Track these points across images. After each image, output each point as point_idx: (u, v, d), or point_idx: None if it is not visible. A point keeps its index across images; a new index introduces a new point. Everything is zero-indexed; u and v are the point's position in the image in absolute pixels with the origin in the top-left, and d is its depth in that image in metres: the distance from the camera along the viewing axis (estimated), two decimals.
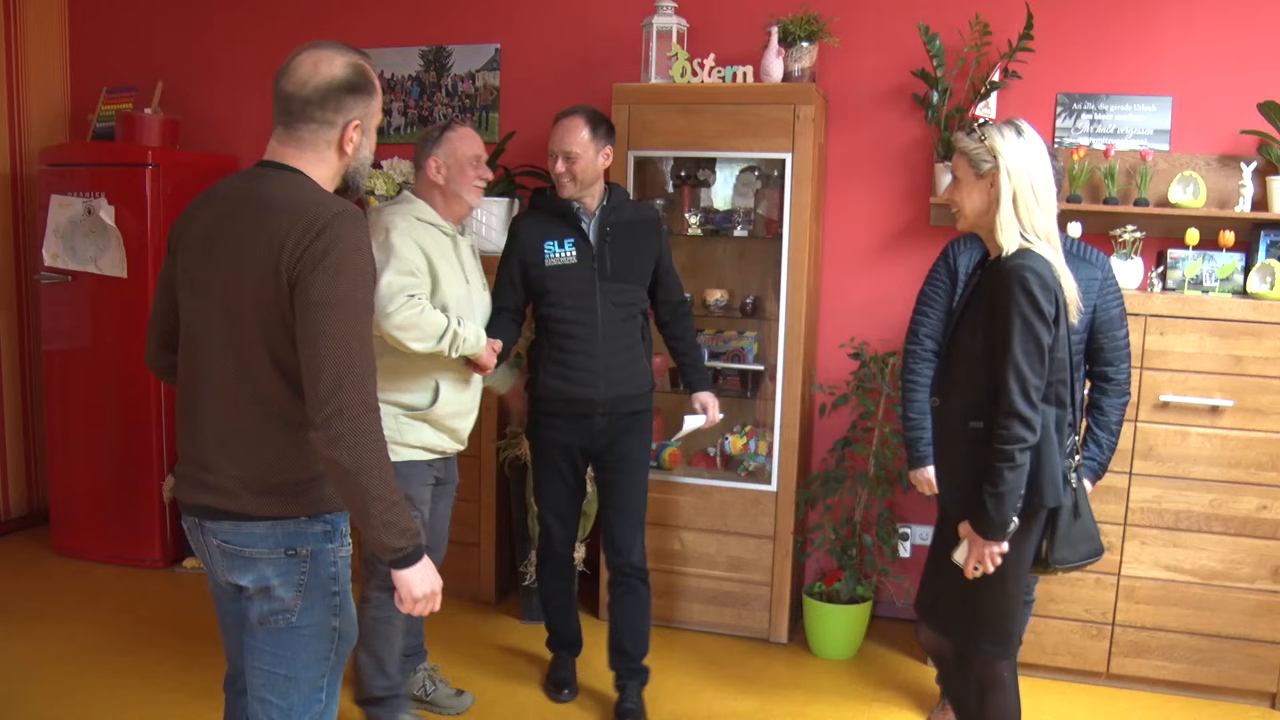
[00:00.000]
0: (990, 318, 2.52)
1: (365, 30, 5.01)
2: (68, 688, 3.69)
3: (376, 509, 1.98)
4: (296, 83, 2.07)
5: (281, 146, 2.12)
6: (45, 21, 5.44)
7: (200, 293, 2.10)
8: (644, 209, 3.66)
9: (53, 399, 5.00)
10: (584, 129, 3.40)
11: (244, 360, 2.05)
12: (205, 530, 2.13)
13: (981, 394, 2.56)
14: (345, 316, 1.96)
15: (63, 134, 5.56)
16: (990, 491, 2.49)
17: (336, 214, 2.00)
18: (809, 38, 4.13)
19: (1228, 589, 3.74)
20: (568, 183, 3.41)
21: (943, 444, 2.75)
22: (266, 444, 2.06)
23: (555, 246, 3.44)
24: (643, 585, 3.59)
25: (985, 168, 2.56)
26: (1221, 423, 3.69)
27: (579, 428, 3.50)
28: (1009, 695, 2.75)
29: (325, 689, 2.18)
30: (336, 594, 2.16)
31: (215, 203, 2.14)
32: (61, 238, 4.79)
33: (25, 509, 5.46)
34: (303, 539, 2.10)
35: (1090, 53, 4.15)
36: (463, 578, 4.60)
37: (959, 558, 2.61)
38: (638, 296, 3.52)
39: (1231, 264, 3.86)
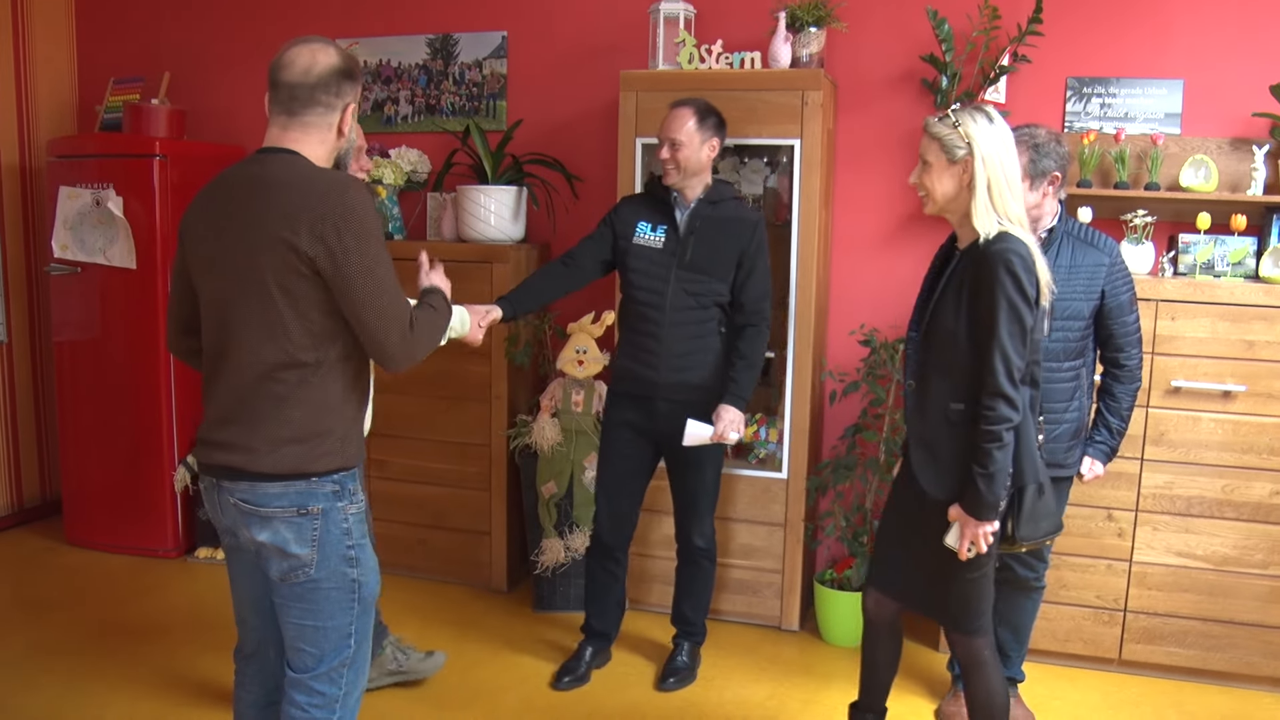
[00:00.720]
0: (974, 301, 2.56)
1: (372, 18, 5.00)
2: (81, 677, 3.71)
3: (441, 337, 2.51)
4: (299, 71, 2.24)
5: (284, 133, 2.28)
6: (52, 13, 5.44)
7: (218, 272, 2.26)
8: (746, 210, 3.66)
9: (64, 390, 5.02)
10: (691, 119, 3.49)
11: (264, 329, 2.21)
12: (223, 489, 2.30)
13: (962, 377, 2.59)
14: (382, 275, 2.20)
15: (71, 125, 5.56)
16: (981, 473, 2.53)
17: (346, 185, 2.20)
18: (817, 23, 4.11)
19: (1240, 575, 3.73)
20: (671, 170, 3.52)
21: (922, 428, 2.73)
22: (285, 403, 2.24)
23: (648, 229, 3.59)
24: (706, 562, 3.79)
25: (959, 154, 2.59)
26: (1234, 408, 3.67)
27: (642, 409, 3.62)
28: (993, 672, 2.79)
29: (354, 635, 2.37)
30: (351, 547, 2.33)
31: (220, 191, 2.30)
32: (70, 229, 4.80)
33: (38, 500, 5.49)
34: (313, 498, 2.27)
35: (1100, 36, 4.12)
36: (474, 566, 4.61)
37: (951, 541, 2.62)
38: (713, 289, 3.54)
39: (1243, 248, 3.83)
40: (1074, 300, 3.19)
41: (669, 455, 3.69)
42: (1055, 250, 3.21)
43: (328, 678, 2.35)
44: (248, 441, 2.24)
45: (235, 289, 2.23)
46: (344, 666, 2.37)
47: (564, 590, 4.38)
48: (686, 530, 3.75)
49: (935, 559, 2.69)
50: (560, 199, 4.66)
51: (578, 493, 4.27)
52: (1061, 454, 3.27)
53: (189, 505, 4.89)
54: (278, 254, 2.15)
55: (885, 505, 2.98)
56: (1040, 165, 3.14)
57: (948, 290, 2.66)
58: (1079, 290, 3.19)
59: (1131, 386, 3.30)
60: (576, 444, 4.27)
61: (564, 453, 4.24)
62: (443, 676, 3.76)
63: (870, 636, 3.01)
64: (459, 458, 4.55)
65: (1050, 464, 3.23)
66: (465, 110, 4.92)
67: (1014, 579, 3.45)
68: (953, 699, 3.60)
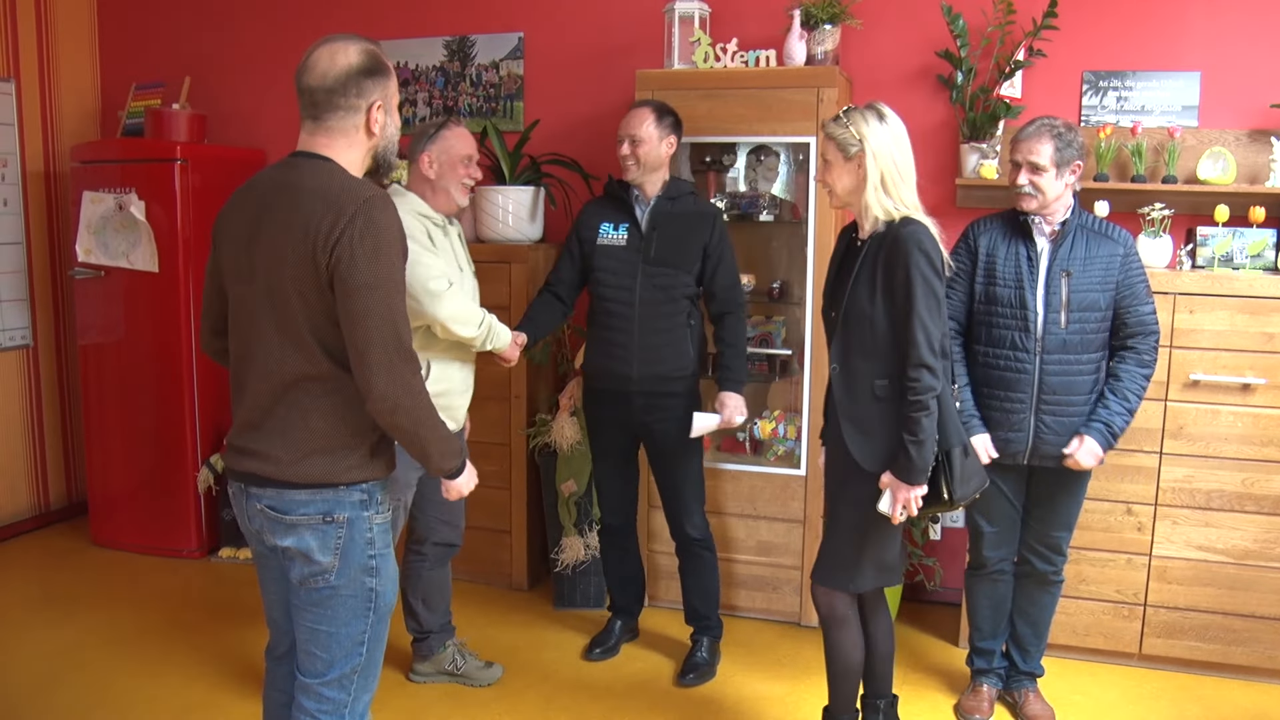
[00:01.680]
0: (889, 281, 2.74)
1: (389, 21, 5.03)
2: (108, 674, 3.75)
3: (434, 449, 2.31)
4: (318, 75, 2.22)
5: (312, 137, 2.27)
6: (75, 20, 5.50)
7: (245, 279, 2.26)
8: (703, 204, 3.79)
9: (89, 393, 5.08)
10: (650, 116, 3.63)
11: (287, 338, 2.21)
12: (251, 496, 2.31)
13: (883, 354, 2.78)
14: (387, 295, 2.15)
15: (93, 131, 5.62)
16: (912, 440, 2.71)
17: (367, 199, 2.16)
18: (831, 20, 4.12)
19: (1261, 569, 3.72)
20: (631, 165, 3.64)
21: (851, 406, 2.86)
22: (310, 415, 2.24)
23: (610, 228, 3.70)
24: (705, 552, 3.84)
25: (853, 151, 2.79)
26: (1253, 401, 3.66)
27: (619, 404, 3.72)
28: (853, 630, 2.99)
29: (366, 644, 2.36)
30: (372, 557, 2.33)
31: (253, 195, 2.29)
32: (94, 234, 4.85)
33: (64, 501, 5.55)
34: (340, 507, 2.27)
35: (1115, 29, 4.11)
36: (494, 565, 4.63)
37: (884, 508, 2.78)
38: (679, 281, 3.65)
39: (1262, 240, 3.82)
40: (1089, 291, 3.19)
41: (649, 449, 3.83)
42: (1070, 243, 3.21)
43: (337, 684, 2.35)
44: (274, 450, 2.24)
45: (260, 296, 2.22)
46: (354, 674, 2.36)
47: (584, 588, 4.40)
48: (678, 522, 3.82)
49: (844, 520, 2.91)
50: (577, 199, 4.68)
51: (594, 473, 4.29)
52: None
53: (213, 505, 4.94)
54: (300, 264, 2.15)
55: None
56: (1065, 154, 3.15)
57: (861, 275, 2.82)
58: (1094, 281, 3.19)
59: (1139, 369, 3.23)
60: None
61: (583, 451, 4.26)
62: None
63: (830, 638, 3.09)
64: (479, 457, 4.51)
65: (1056, 455, 3.26)
66: (483, 111, 4.95)
67: (1033, 573, 3.45)
68: (971, 694, 3.60)
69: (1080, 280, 3.18)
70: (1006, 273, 3.27)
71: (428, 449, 2.29)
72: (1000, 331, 3.28)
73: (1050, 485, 3.36)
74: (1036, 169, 3.17)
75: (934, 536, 4.39)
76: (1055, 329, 3.21)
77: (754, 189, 4.41)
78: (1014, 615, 3.55)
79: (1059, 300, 3.20)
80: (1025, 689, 3.56)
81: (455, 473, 2.48)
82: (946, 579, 4.39)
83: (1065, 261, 3.20)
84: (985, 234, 3.36)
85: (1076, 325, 3.19)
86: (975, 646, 3.64)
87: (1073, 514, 3.39)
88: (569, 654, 3.99)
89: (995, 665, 3.62)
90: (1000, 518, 3.45)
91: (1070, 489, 3.35)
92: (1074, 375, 3.22)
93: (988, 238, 3.34)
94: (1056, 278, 3.21)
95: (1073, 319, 3.19)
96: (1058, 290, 3.20)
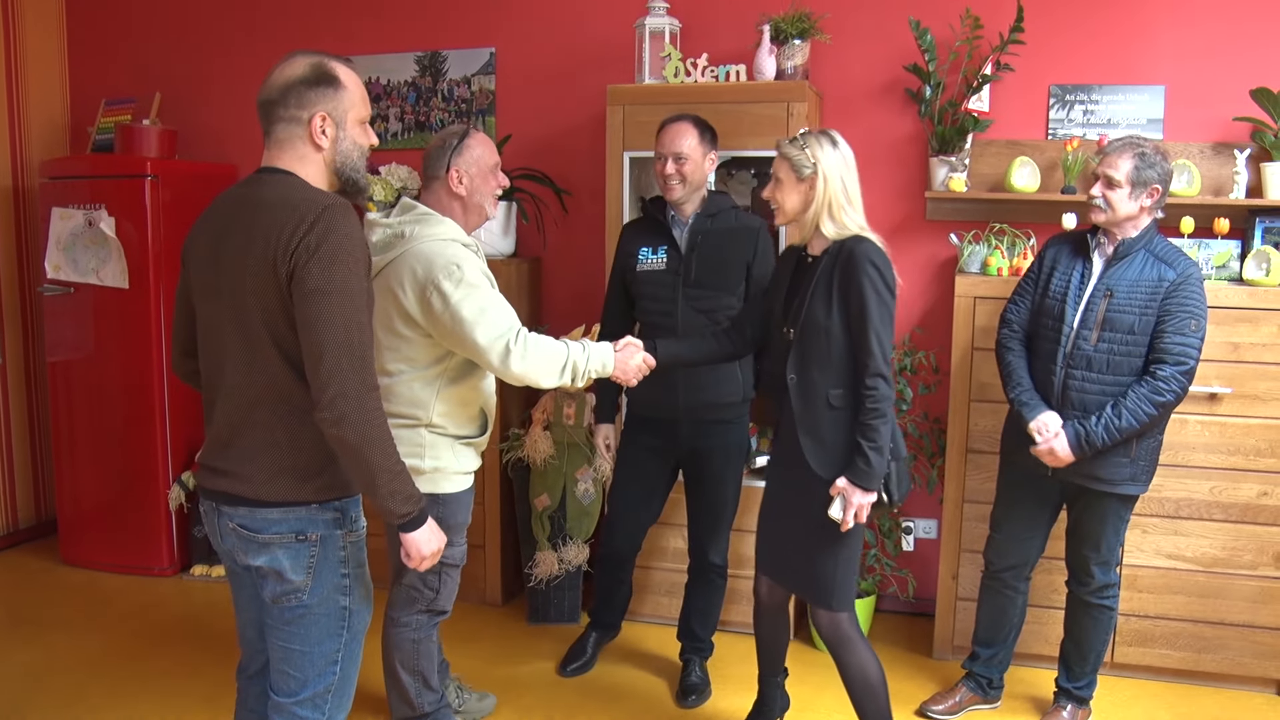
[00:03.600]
0: (844, 296, 2.85)
1: (361, 37, 5.03)
2: (78, 696, 3.72)
3: (383, 480, 2.16)
4: (265, 90, 2.24)
5: (269, 152, 2.27)
6: (44, 35, 5.47)
7: (211, 296, 2.25)
8: (747, 218, 3.65)
9: (58, 410, 5.03)
10: (693, 132, 3.49)
11: (254, 355, 2.19)
12: (222, 514, 2.29)
13: (838, 366, 2.88)
14: (341, 302, 2.09)
15: (63, 147, 5.59)
16: (871, 446, 2.81)
17: (327, 206, 2.13)
18: (801, 35, 4.15)
19: (1230, 576, 3.75)
20: (676, 185, 3.49)
21: (807, 415, 2.93)
22: (279, 432, 2.21)
23: (649, 253, 3.58)
24: (718, 579, 3.77)
25: (805, 172, 2.90)
26: (1220, 410, 3.70)
27: (664, 433, 3.62)
28: (860, 646, 3.01)
29: (340, 663, 2.34)
30: (345, 576, 2.30)
31: (218, 213, 2.29)
32: (63, 250, 4.82)
33: (33, 520, 5.49)
34: (313, 525, 2.24)
35: (1081, 44, 4.16)
36: (468, 580, 4.58)
37: (835, 513, 2.85)
38: (723, 304, 3.52)
39: (1227, 251, 3.86)
40: (1126, 314, 3.17)
41: (690, 473, 3.70)
42: (1124, 264, 3.21)
43: (311, 704, 2.32)
44: (244, 469, 2.22)
45: (226, 312, 2.21)
46: (328, 693, 2.33)
47: (558, 603, 4.39)
48: (703, 547, 3.72)
49: (812, 538, 2.95)
50: (550, 213, 4.70)
51: (570, 505, 4.29)
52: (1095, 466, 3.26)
53: (184, 523, 4.90)
54: (262, 274, 2.12)
55: (764, 496, 3.16)
56: (1143, 174, 3.15)
57: (817, 290, 2.90)
58: (1137, 305, 3.16)
59: (1148, 394, 3.13)
60: (569, 456, 4.28)
61: (556, 465, 4.26)
62: None
63: (764, 619, 3.27)
64: None
65: (1082, 473, 3.28)
66: None
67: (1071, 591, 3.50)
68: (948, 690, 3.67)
69: (1121, 301, 3.18)
70: (1058, 287, 3.31)
71: (375, 478, 2.16)
72: (1041, 343, 3.34)
73: (1076, 503, 3.40)
74: (1111, 183, 3.17)
75: (906, 548, 4.41)
76: (1084, 345, 3.22)
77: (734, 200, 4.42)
78: (1066, 628, 3.57)
79: (1094, 318, 3.21)
80: (1060, 705, 3.58)
81: (411, 522, 2.27)
82: (919, 590, 4.40)
83: (1112, 281, 3.21)
84: (1053, 248, 3.41)
85: (1105, 345, 3.20)
86: (972, 647, 3.70)
87: (1100, 535, 3.36)
88: (544, 670, 3.98)
89: (978, 669, 3.65)
90: (1008, 526, 3.50)
91: (1093, 510, 3.34)
92: (1094, 394, 3.21)
93: (1054, 251, 3.39)
94: (1099, 296, 3.22)
95: (1104, 339, 3.20)
96: (1095, 308, 3.22)
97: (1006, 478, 3.52)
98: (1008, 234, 4.07)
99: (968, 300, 3.90)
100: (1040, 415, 3.26)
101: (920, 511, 4.45)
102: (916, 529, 4.45)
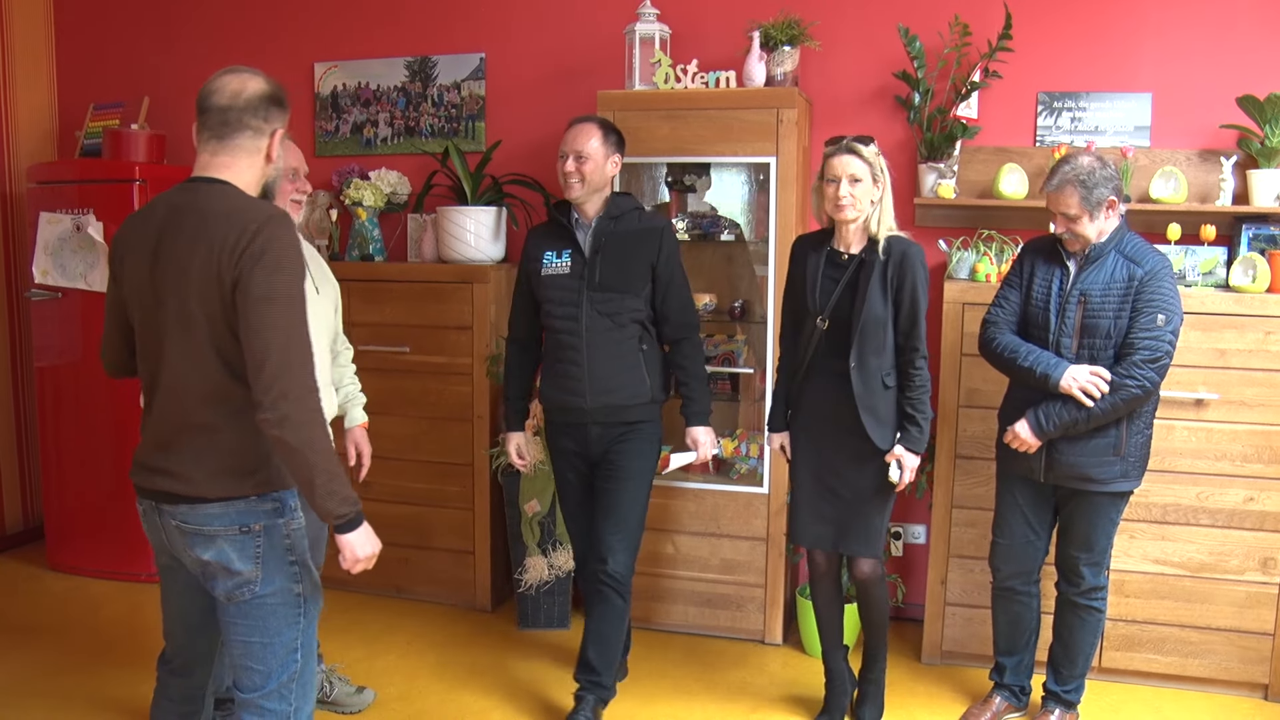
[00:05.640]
0: (899, 290, 3.23)
1: (350, 41, 5.03)
2: (66, 703, 3.70)
3: (321, 480, 2.21)
4: (229, 95, 2.29)
5: (214, 159, 2.32)
6: (32, 39, 5.46)
7: (151, 303, 2.31)
8: (651, 219, 3.60)
9: (45, 415, 5.01)
10: (597, 133, 3.48)
11: (194, 358, 2.26)
12: (162, 513, 2.37)
13: (888, 352, 3.28)
14: (285, 309, 2.19)
15: (50, 151, 5.57)
16: (922, 416, 3.28)
17: (270, 216, 2.23)
18: (790, 42, 4.16)
19: (1217, 581, 3.77)
20: (575, 183, 3.45)
21: (868, 398, 3.28)
22: (218, 433, 2.28)
23: (553, 257, 3.53)
24: (618, 597, 3.51)
25: (879, 175, 3.24)
26: (1207, 416, 3.72)
27: (576, 435, 3.57)
28: (883, 586, 3.52)
29: (300, 651, 2.41)
30: (294, 563, 2.38)
31: (154, 220, 2.33)
32: (51, 255, 4.80)
33: (20, 526, 5.47)
34: (254, 516, 2.32)
35: (1069, 51, 4.18)
36: (458, 585, 4.62)
37: (895, 477, 3.28)
38: (627, 306, 3.48)
39: (1213, 258, 3.89)
40: (1100, 319, 3.19)
41: (600, 474, 3.58)
42: (1095, 267, 3.22)
43: (278, 694, 2.38)
44: (184, 469, 2.29)
45: (168, 318, 2.27)
46: (292, 682, 2.40)
47: (548, 608, 4.39)
48: (603, 553, 3.48)
49: (869, 502, 3.35)
50: (540, 219, 4.69)
51: (560, 510, 4.28)
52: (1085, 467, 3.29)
53: None
54: (206, 283, 2.19)
55: (804, 480, 3.47)
56: (1093, 197, 3.15)
57: (872, 284, 3.23)
58: (1110, 308, 3.18)
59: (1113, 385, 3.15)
60: None
61: (546, 471, 4.25)
62: (429, 696, 3.78)
63: (824, 589, 3.56)
64: (441, 477, 4.57)
65: (1073, 475, 3.30)
66: (444, 132, 4.95)
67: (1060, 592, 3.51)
68: (981, 703, 3.68)
69: (1095, 306, 3.20)
70: (1039, 293, 3.32)
71: (314, 477, 2.19)
72: None
73: (1067, 504, 3.40)
74: (1071, 219, 3.19)
75: (895, 553, 4.42)
76: (1066, 354, 3.24)
77: (714, 209, 4.44)
78: (1054, 630, 3.58)
79: (1072, 325, 3.23)
80: (1047, 709, 3.58)
81: (348, 524, 2.29)
82: (909, 595, 4.41)
83: (1085, 286, 3.23)
84: (1030, 253, 3.42)
85: (1086, 352, 3.22)
86: (995, 658, 3.70)
87: (1089, 537, 3.37)
88: (533, 676, 3.98)
89: (1007, 680, 3.65)
90: (1010, 532, 3.51)
91: (1083, 510, 3.36)
92: None
93: (1031, 257, 3.40)
94: (1074, 302, 3.24)
95: (1084, 344, 3.22)
96: (1071, 315, 3.24)
97: (1003, 483, 3.53)
98: (996, 240, 4.09)
99: (956, 306, 3.92)
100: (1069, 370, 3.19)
101: (909, 517, 4.46)
102: (906, 534, 4.46)
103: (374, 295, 4.52)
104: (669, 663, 4.08)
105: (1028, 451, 3.31)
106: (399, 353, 4.48)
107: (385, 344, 4.48)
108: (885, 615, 3.55)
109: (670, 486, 4.27)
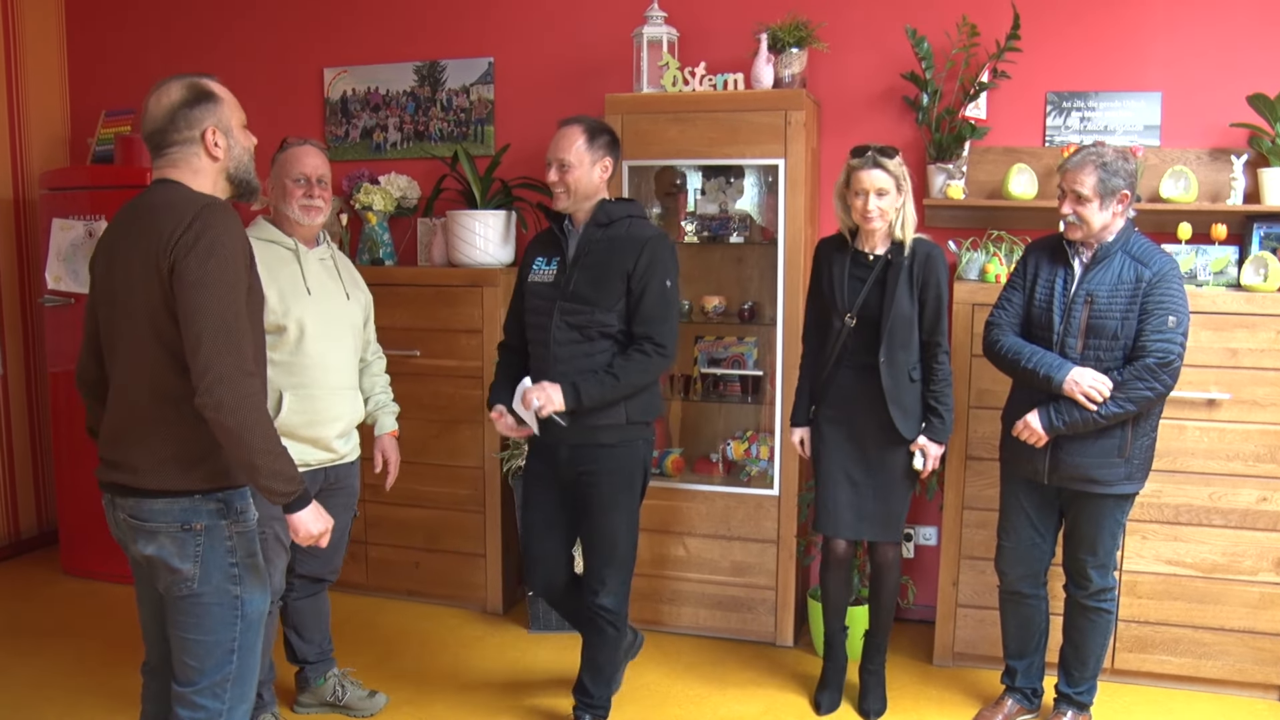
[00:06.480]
0: (924, 288, 3.41)
1: (360, 47, 5.05)
2: (79, 706, 3.72)
3: (263, 461, 2.26)
4: (148, 119, 2.36)
5: (162, 171, 2.39)
6: (44, 46, 5.49)
7: (106, 302, 2.38)
8: (641, 227, 3.31)
9: (59, 420, 5.04)
10: (580, 137, 3.25)
11: (139, 350, 2.32)
12: (116, 505, 2.42)
13: (913, 349, 3.45)
14: (219, 294, 2.22)
15: (63, 158, 5.61)
16: (946, 409, 3.48)
17: (205, 205, 2.27)
18: (798, 44, 4.16)
19: (1230, 582, 3.75)
20: (561, 194, 3.26)
21: (896, 392, 3.44)
22: (162, 423, 2.32)
23: (543, 263, 3.35)
24: (610, 627, 3.38)
25: (903, 185, 3.39)
26: (1219, 416, 3.70)
27: (545, 456, 3.36)
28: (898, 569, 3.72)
29: (237, 652, 2.42)
30: (235, 565, 2.40)
31: (116, 223, 2.42)
32: (64, 261, 4.83)
33: (35, 530, 5.51)
34: (197, 515, 2.35)
35: (1078, 51, 4.17)
36: (469, 589, 4.62)
37: (919, 464, 3.49)
38: (597, 320, 3.21)
39: (1225, 257, 3.87)
40: (1107, 320, 3.17)
41: (577, 499, 3.35)
42: (1102, 268, 3.20)
43: (210, 692, 2.41)
44: (131, 459, 2.35)
45: (119, 315, 2.34)
46: (226, 682, 2.42)
47: None
48: (592, 587, 3.35)
49: (895, 491, 3.54)
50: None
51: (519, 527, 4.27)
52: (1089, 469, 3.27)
53: None
54: (147, 276, 2.25)
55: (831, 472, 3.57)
56: (1110, 184, 3.14)
57: (899, 283, 3.40)
58: (1117, 309, 3.16)
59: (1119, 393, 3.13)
60: None
61: None
62: (441, 699, 3.78)
63: (837, 573, 3.69)
64: (452, 480, 4.58)
65: (1077, 477, 3.29)
66: (453, 136, 4.97)
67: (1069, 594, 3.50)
68: (993, 705, 3.66)
69: (1102, 307, 3.18)
70: (1043, 294, 3.31)
71: (254, 460, 2.25)
72: None
73: (1072, 507, 3.39)
74: (1080, 199, 3.17)
75: (907, 555, 4.41)
76: (1071, 354, 3.22)
77: (724, 211, 4.44)
78: (1064, 632, 3.57)
79: (1078, 326, 3.22)
80: (1060, 711, 3.57)
81: (290, 501, 2.35)
82: (919, 597, 4.40)
83: (1091, 286, 3.21)
84: (1034, 253, 3.40)
85: (1092, 353, 3.20)
86: (1005, 662, 3.69)
87: (1094, 540, 3.35)
88: (544, 679, 3.98)
89: (1019, 683, 3.64)
90: (1014, 534, 3.49)
91: (1088, 513, 3.34)
92: None
93: (1035, 258, 3.38)
94: (1080, 303, 3.23)
95: (1089, 345, 3.21)
96: (1078, 316, 3.23)
97: (1007, 486, 3.52)
98: (1006, 241, 4.08)
99: (966, 307, 3.91)
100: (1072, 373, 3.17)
101: (920, 519, 4.45)
102: (917, 536, 4.45)
103: (384, 299, 4.50)
104: (680, 665, 4.08)
105: (1035, 445, 3.29)
106: (410, 356, 4.49)
107: (396, 348, 4.48)
108: (894, 601, 3.73)
109: (681, 489, 4.27)
